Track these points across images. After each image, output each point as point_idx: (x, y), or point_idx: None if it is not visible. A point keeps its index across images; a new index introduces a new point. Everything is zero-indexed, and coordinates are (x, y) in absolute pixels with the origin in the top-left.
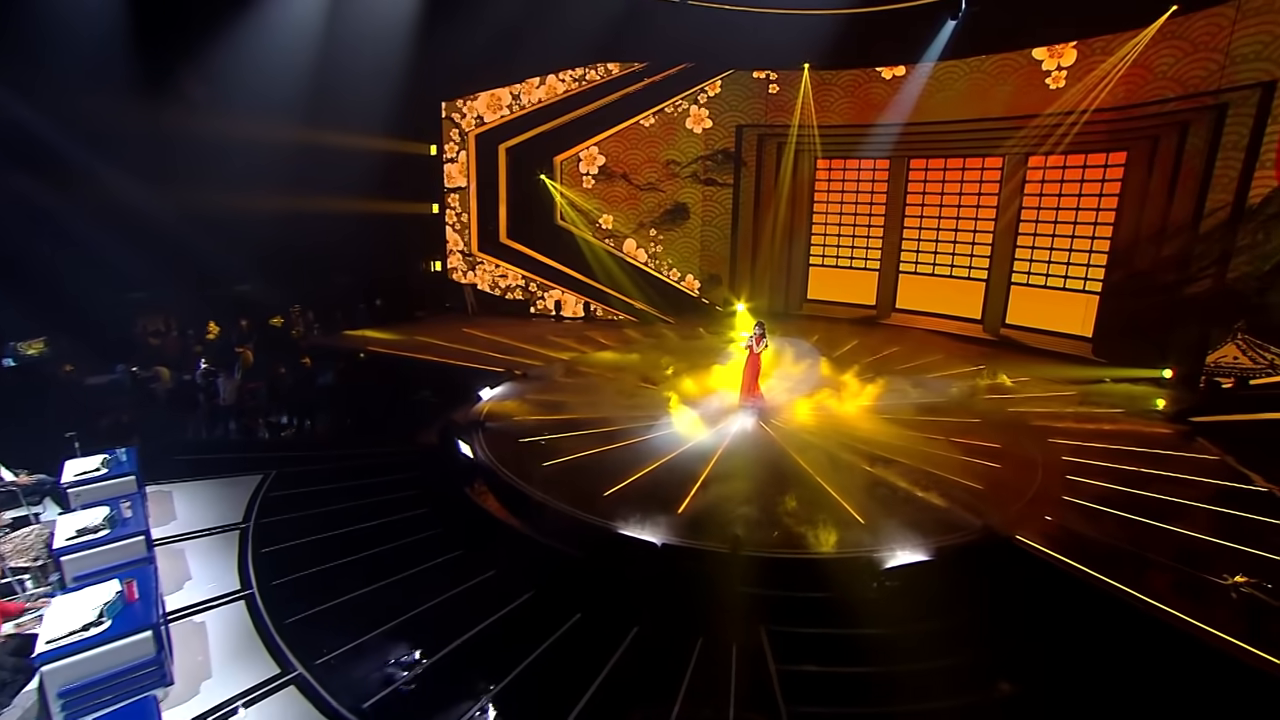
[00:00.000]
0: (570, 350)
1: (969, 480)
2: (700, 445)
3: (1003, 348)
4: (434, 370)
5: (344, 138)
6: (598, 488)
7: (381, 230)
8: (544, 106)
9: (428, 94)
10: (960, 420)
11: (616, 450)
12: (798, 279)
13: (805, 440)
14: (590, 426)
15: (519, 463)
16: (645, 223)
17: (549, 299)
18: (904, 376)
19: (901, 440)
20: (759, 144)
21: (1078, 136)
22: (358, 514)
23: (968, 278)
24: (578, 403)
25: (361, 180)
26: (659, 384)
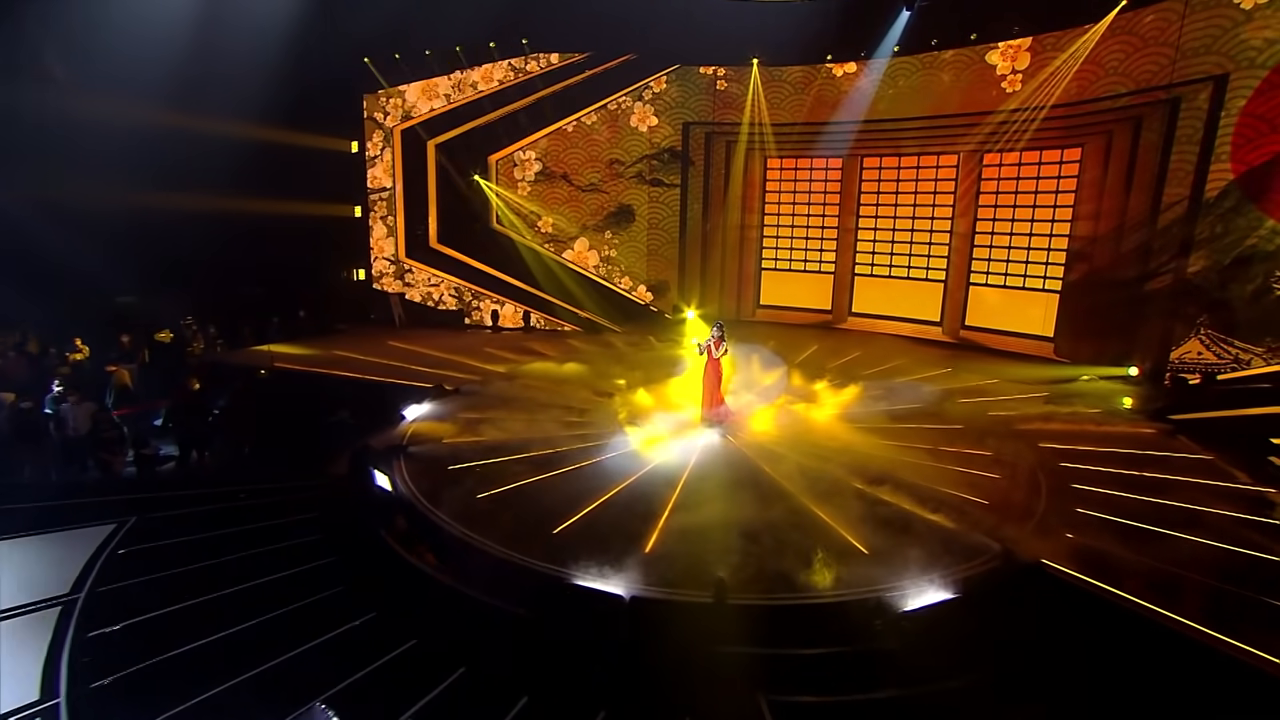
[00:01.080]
0: (509, 362)
1: (971, 495)
2: (663, 467)
3: (964, 350)
4: (352, 388)
5: (246, 129)
6: (545, 523)
7: (297, 235)
8: (476, 100)
9: (345, 85)
10: (942, 427)
11: (565, 476)
12: (750, 284)
13: (781, 455)
14: (533, 448)
15: (448, 495)
16: (588, 226)
17: (485, 308)
18: (872, 382)
19: (886, 452)
20: (707, 143)
21: (1032, 133)
22: (238, 571)
23: (925, 279)
24: (518, 421)
25: (272, 179)
26: (611, 395)
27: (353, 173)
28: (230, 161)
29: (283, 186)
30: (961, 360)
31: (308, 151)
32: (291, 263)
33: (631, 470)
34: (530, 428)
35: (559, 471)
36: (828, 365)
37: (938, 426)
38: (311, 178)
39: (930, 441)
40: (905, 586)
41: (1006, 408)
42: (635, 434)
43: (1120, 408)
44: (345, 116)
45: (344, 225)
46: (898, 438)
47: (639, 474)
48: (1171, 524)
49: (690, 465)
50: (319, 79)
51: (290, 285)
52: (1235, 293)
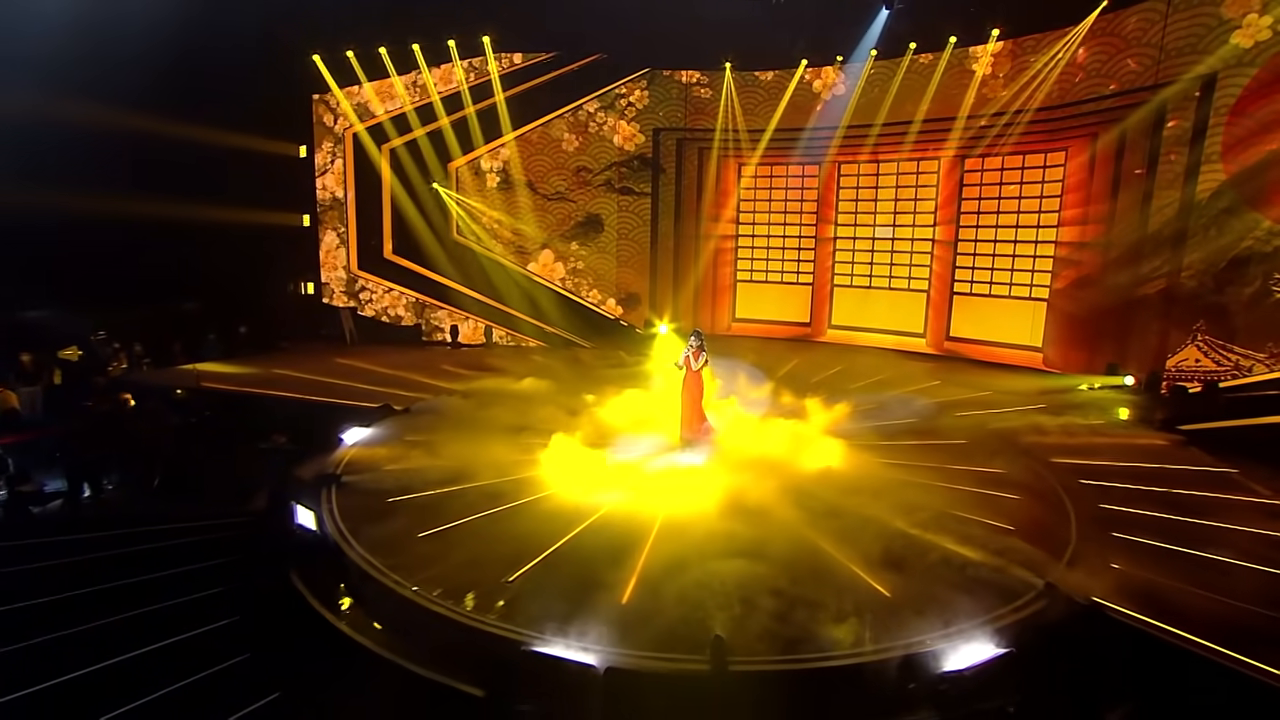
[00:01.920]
0: (466, 379)
1: (993, 520)
2: (639, 496)
3: (949, 362)
4: (289, 409)
5: (174, 126)
6: (499, 569)
7: (241, 246)
8: (433, 103)
9: (292, 83)
10: (944, 443)
11: (525, 509)
12: (725, 296)
13: (774, 479)
14: (489, 476)
15: (383, 534)
16: (554, 236)
17: (444, 324)
18: (860, 396)
19: (889, 472)
20: (679, 149)
21: (1014, 137)
22: (118, 638)
23: (907, 289)
24: (472, 445)
25: (211, 183)
26: (579, 414)
27: (301, 179)
28: (174, 167)
29: (222, 192)
30: (949, 372)
31: (250, 155)
32: (234, 275)
33: (598, 502)
34: (486, 452)
35: (517, 503)
36: (811, 380)
37: (939, 443)
38: (255, 183)
39: (935, 459)
40: (940, 639)
41: (1007, 421)
42: (606, 459)
43: (1131, 419)
44: (292, 118)
45: (291, 235)
46: (898, 456)
47: (611, 506)
48: (1218, 548)
49: (671, 494)
50: (261, 74)
51: (232, 299)
52: (1232, 297)
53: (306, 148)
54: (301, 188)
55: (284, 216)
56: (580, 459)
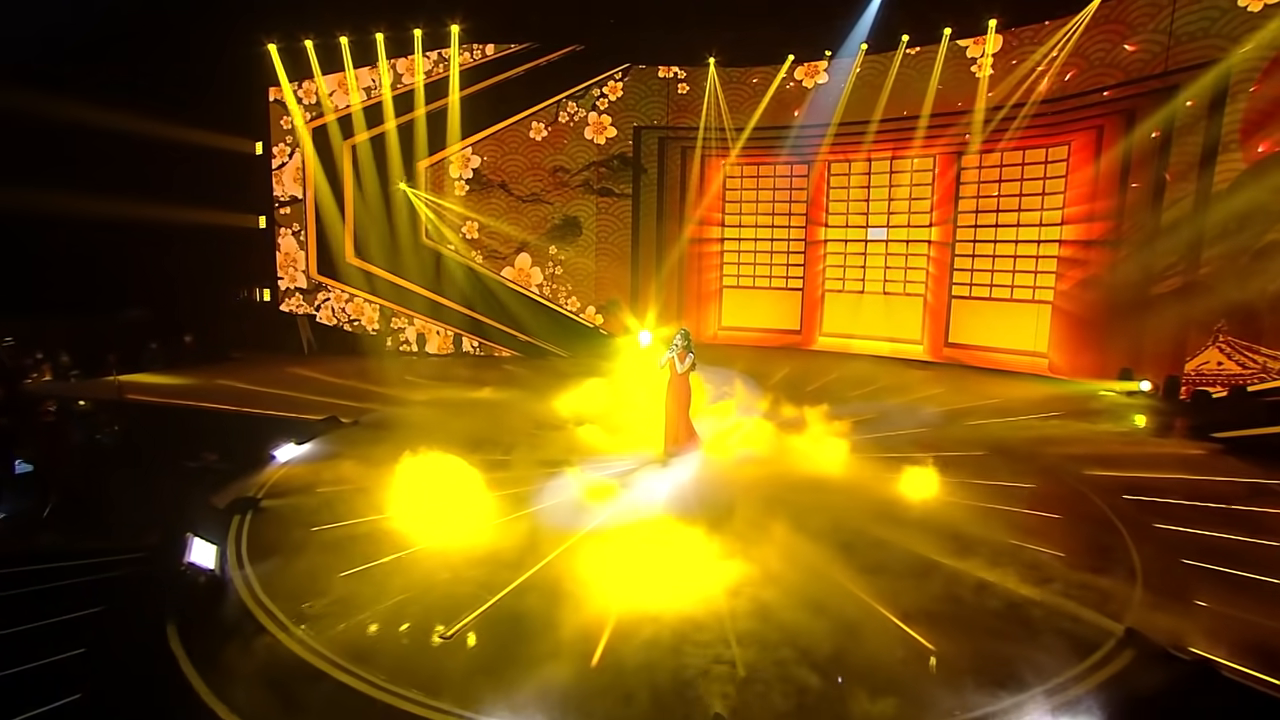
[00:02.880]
0: (427, 389)
1: (1038, 544)
2: (614, 522)
3: (949, 369)
4: (225, 423)
5: (124, 119)
6: (433, 618)
7: (191, 249)
8: (400, 95)
9: (245, 73)
10: (961, 454)
11: (475, 540)
12: (711, 302)
13: (776, 497)
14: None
15: (296, 574)
16: (529, 240)
17: (410, 332)
18: (860, 405)
19: (905, 487)
20: (661, 148)
21: (1013, 131)
22: None
23: (903, 293)
24: (423, 464)
25: (156, 181)
26: (549, 426)
27: (256, 178)
28: (115, 165)
29: (170, 190)
30: (950, 380)
31: (200, 151)
32: (182, 280)
33: (568, 529)
34: (442, 469)
35: (465, 533)
36: (806, 388)
37: (955, 454)
38: (206, 182)
39: (954, 473)
40: (1007, 709)
41: (1023, 430)
42: (576, 477)
43: (1137, 426)
44: (247, 112)
45: (246, 238)
46: (916, 469)
47: (579, 535)
48: None
49: (653, 519)
50: (211, 62)
51: (181, 306)
52: (1257, 294)
53: (262, 144)
54: (257, 187)
55: (238, 218)
56: (549, 476)
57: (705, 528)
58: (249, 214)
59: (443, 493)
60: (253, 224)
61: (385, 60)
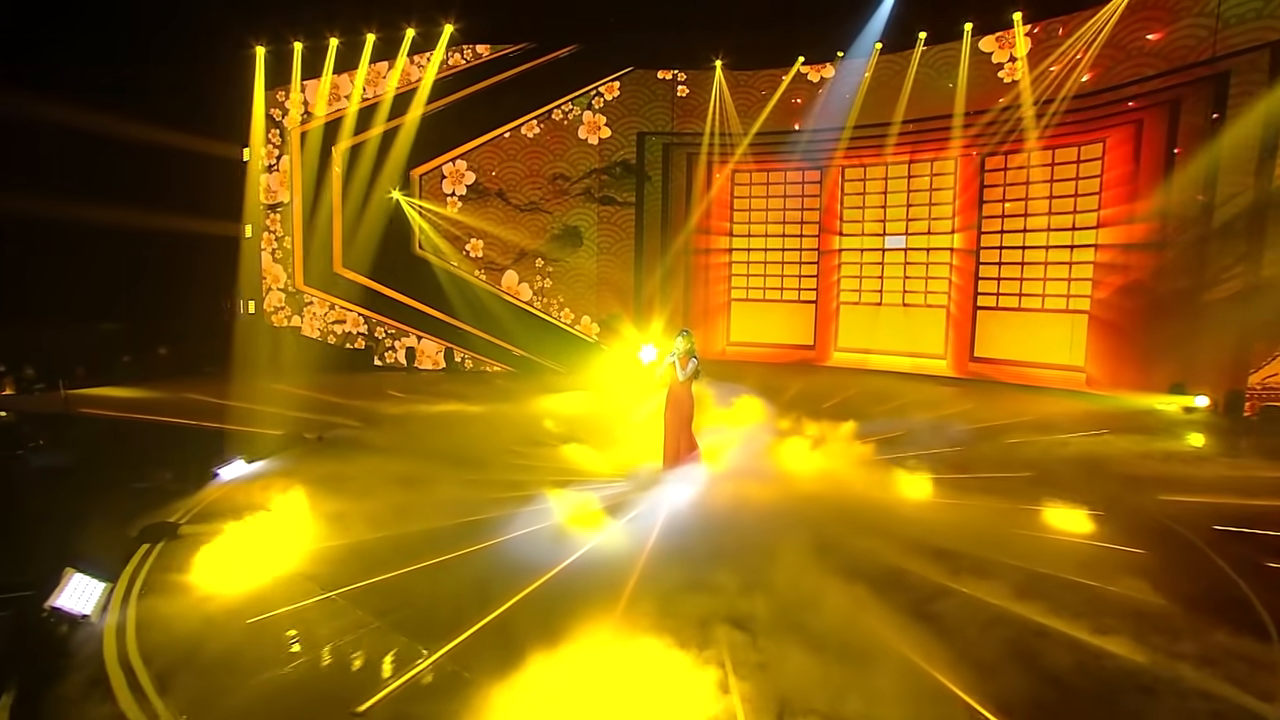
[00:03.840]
0: (409, 404)
1: (1134, 590)
2: (601, 555)
3: (976, 385)
4: (183, 439)
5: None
6: (350, 692)
7: (170, 259)
8: (390, 99)
9: (234, 78)
10: (1006, 476)
11: (432, 572)
12: (719, 317)
13: (796, 524)
14: (390, 526)
15: (196, 620)
16: (527, 251)
17: (399, 346)
18: (882, 421)
19: (945, 514)
20: (665, 155)
21: (1040, 130)
22: None
23: (924, 304)
24: (388, 483)
25: (134, 188)
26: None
27: (242, 185)
28: (80, 162)
29: (147, 197)
30: (978, 396)
31: (184, 156)
32: (162, 291)
33: (531, 570)
34: (402, 492)
35: (421, 565)
36: (822, 405)
37: (996, 476)
38: (188, 188)
39: (1001, 496)
40: None
41: (1069, 448)
42: (555, 501)
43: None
44: (233, 116)
45: (230, 247)
46: (951, 492)
47: (557, 570)
48: None
49: (648, 550)
50: (196, 65)
51: (161, 318)
52: None
53: (249, 150)
54: (243, 194)
55: (222, 225)
56: (529, 498)
57: (709, 573)
58: (234, 222)
59: (390, 521)
60: (237, 233)
61: (367, 64)
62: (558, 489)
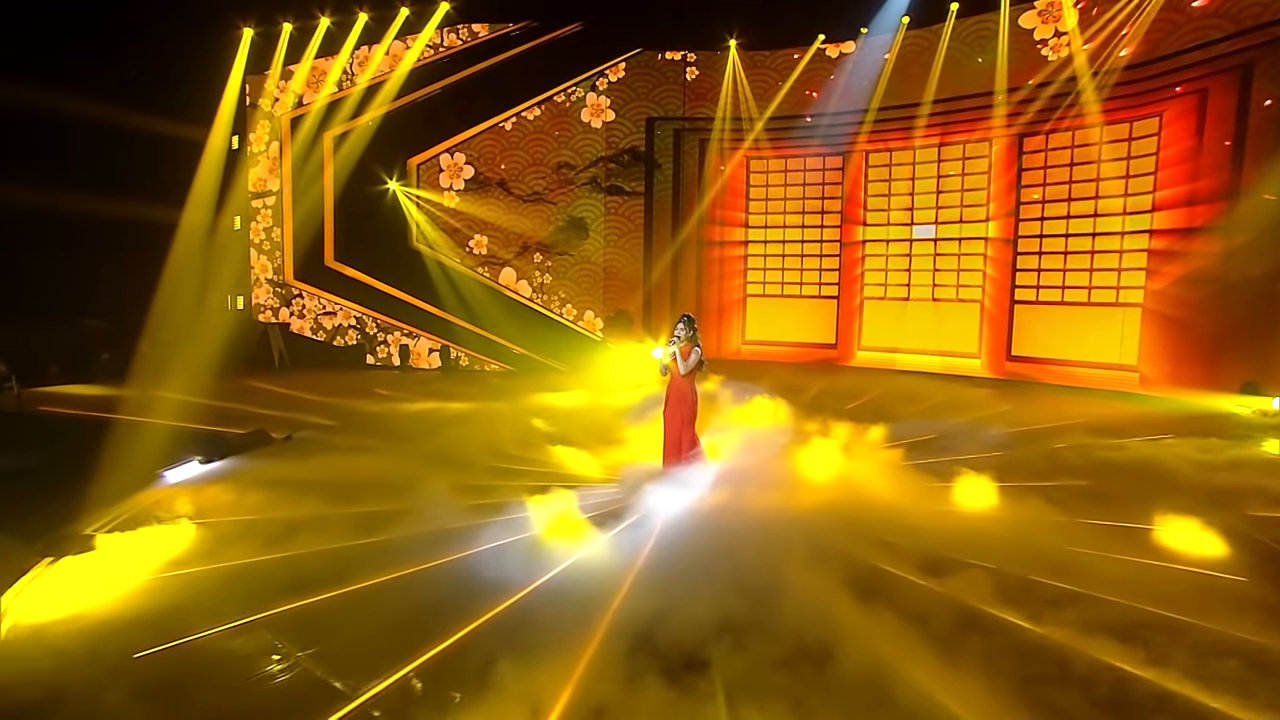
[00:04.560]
0: (394, 404)
1: (1240, 629)
2: (575, 576)
3: (1014, 386)
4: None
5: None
6: None
7: (154, 253)
8: (385, 80)
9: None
10: (1059, 484)
11: (380, 592)
12: (734, 314)
13: (819, 539)
14: (343, 536)
15: (83, 649)
16: (530, 244)
17: (393, 343)
18: (913, 424)
19: (995, 530)
20: (676, 141)
21: (1086, 106)
22: None
23: (956, 299)
24: (348, 487)
25: (117, 178)
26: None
27: (231, 174)
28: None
29: (131, 188)
30: (1017, 397)
31: (168, 143)
32: (147, 287)
33: (508, 587)
34: (362, 498)
35: (365, 584)
36: (845, 405)
37: (1046, 484)
38: (177, 179)
39: (1054, 508)
40: None
41: (1129, 453)
42: (542, 508)
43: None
44: (219, 102)
45: (220, 240)
46: (995, 503)
47: (519, 597)
48: None
49: (638, 570)
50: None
51: (143, 315)
52: None
53: (238, 138)
54: (231, 184)
55: (210, 218)
56: (493, 510)
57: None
58: (224, 214)
59: (341, 531)
60: (227, 224)
61: (352, 47)
62: (540, 495)
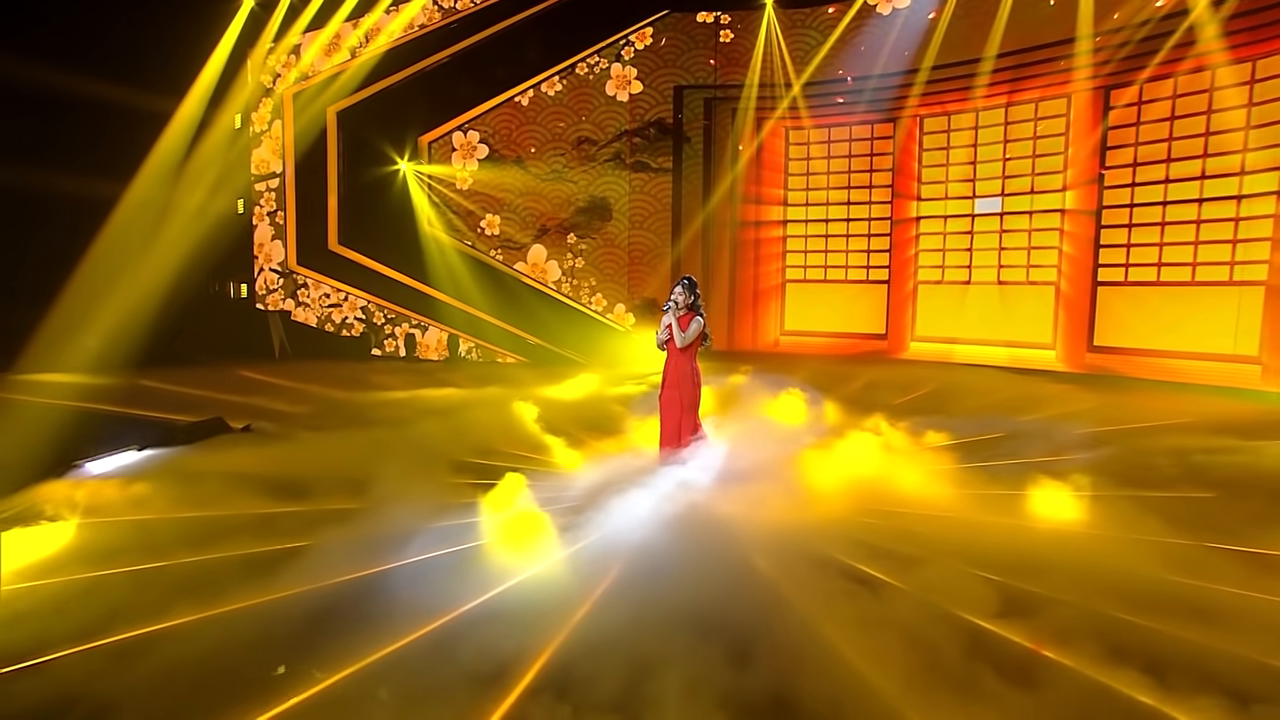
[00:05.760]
0: (378, 393)
1: None
2: (515, 603)
3: (1097, 381)
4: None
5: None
6: None
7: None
8: (393, 48)
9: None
10: (1178, 495)
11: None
12: (770, 301)
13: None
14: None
15: None
16: (549, 226)
17: (399, 334)
18: (975, 421)
19: (1092, 553)
20: (708, 112)
21: (1201, 43)
22: None
23: (1025, 281)
24: (286, 483)
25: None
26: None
27: (232, 154)
28: None
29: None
30: (1104, 393)
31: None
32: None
33: (423, 614)
34: (292, 496)
35: (237, 605)
36: (892, 400)
37: (1161, 495)
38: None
39: (1176, 527)
40: None
41: (1269, 461)
42: (496, 505)
43: None
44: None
45: (221, 225)
46: (1089, 518)
47: (425, 630)
48: None
49: (589, 604)
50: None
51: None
52: None
53: (240, 116)
54: (233, 164)
55: (212, 200)
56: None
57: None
58: (226, 196)
59: (246, 535)
60: (229, 208)
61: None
62: (499, 497)
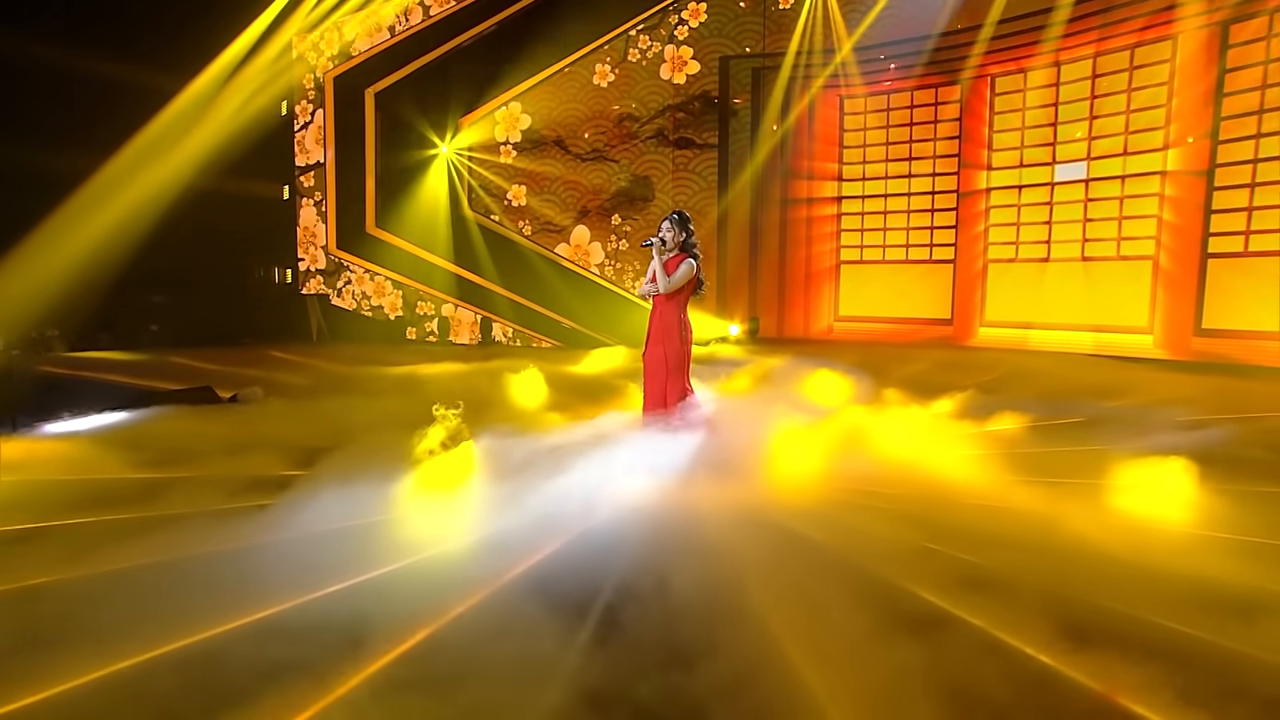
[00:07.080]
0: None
1: None
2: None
3: (1203, 369)
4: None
5: None
6: None
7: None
8: (431, 26)
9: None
10: None
11: None
12: (823, 284)
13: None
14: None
15: None
16: (590, 208)
17: (434, 317)
18: (1052, 405)
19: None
20: (756, 83)
21: None
22: None
23: (1116, 256)
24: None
25: None
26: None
27: (278, 140)
28: None
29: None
30: (1211, 381)
31: None
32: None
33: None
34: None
35: None
36: (956, 382)
37: None
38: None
39: None
40: None
41: None
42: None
43: None
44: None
45: (269, 210)
46: (1203, 517)
47: None
48: None
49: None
50: None
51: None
52: None
53: (287, 103)
54: (279, 151)
55: (258, 187)
56: None
57: None
58: (271, 182)
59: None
60: (275, 194)
61: None
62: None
